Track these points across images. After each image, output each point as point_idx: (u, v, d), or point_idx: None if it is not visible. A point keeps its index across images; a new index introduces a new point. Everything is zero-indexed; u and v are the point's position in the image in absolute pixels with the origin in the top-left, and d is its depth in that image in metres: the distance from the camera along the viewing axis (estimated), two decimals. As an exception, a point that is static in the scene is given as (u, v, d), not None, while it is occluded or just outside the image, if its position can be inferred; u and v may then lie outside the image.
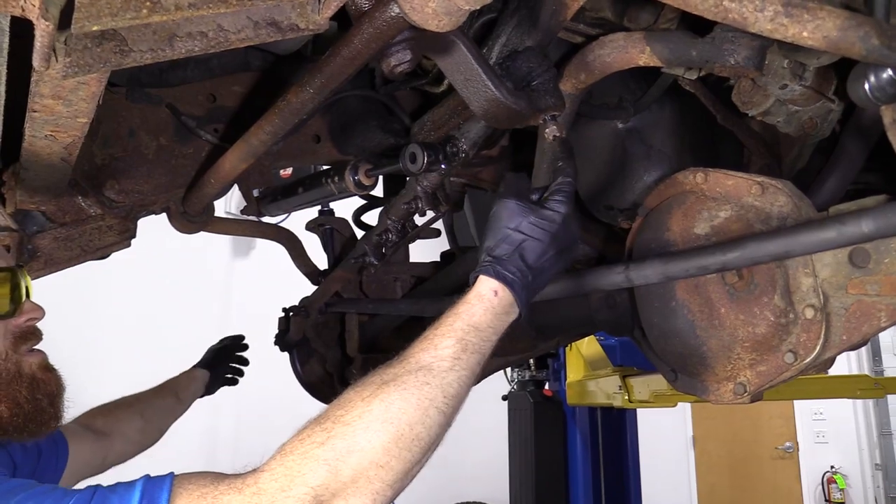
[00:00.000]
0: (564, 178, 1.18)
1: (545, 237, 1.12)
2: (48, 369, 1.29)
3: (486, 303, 1.09)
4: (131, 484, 0.96)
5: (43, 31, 0.56)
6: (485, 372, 2.48)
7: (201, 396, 2.30)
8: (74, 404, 1.38)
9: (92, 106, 1.01)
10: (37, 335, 1.30)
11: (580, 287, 1.37)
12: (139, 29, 0.65)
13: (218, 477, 0.96)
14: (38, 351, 1.30)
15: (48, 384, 1.27)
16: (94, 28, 0.55)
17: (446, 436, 1.04)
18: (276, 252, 2.55)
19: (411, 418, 0.98)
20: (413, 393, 0.99)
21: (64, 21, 0.56)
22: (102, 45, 0.65)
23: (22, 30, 0.93)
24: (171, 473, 0.96)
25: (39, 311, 1.29)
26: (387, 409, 0.97)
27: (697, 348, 1.31)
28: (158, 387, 2.14)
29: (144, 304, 5.74)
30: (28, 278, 1.32)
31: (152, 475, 0.97)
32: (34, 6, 0.55)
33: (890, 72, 0.88)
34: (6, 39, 0.95)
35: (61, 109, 1.04)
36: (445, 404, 1.01)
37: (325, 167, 2.01)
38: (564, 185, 1.17)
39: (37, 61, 0.61)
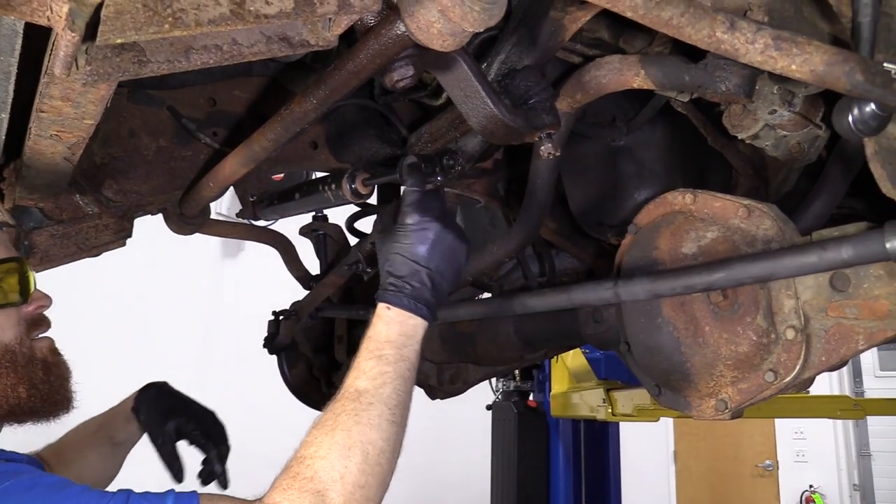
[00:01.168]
0: (406, 193, 1.35)
1: (405, 249, 1.27)
2: (57, 353, 1.35)
3: (384, 318, 1.25)
4: (162, 495, 1.06)
5: (68, 41, 0.59)
6: (470, 381, 2.52)
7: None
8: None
9: (100, 109, 1.03)
10: (46, 322, 1.36)
11: (569, 301, 1.41)
12: (157, 41, 0.68)
13: (237, 500, 1.10)
14: (47, 337, 1.36)
15: (59, 367, 1.34)
16: (118, 41, 0.58)
17: (430, 443, 1.13)
18: (264, 254, 2.57)
19: (371, 437, 1.11)
20: (363, 416, 1.13)
21: (89, 33, 0.59)
22: (122, 55, 0.67)
23: (31, 30, 0.96)
24: (195, 491, 1.08)
25: (47, 300, 1.36)
26: (348, 436, 1.11)
27: (681, 364, 1.34)
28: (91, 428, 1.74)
29: (132, 302, 5.73)
30: (31, 269, 1.37)
31: (177, 490, 1.08)
32: (60, 17, 0.58)
33: (873, 106, 0.92)
34: (19, 41, 0.98)
35: (69, 111, 1.06)
36: (393, 414, 1.15)
37: (321, 174, 2.03)
38: (406, 199, 1.32)
39: (58, 69, 0.64)
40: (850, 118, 0.93)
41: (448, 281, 1.29)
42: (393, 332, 1.23)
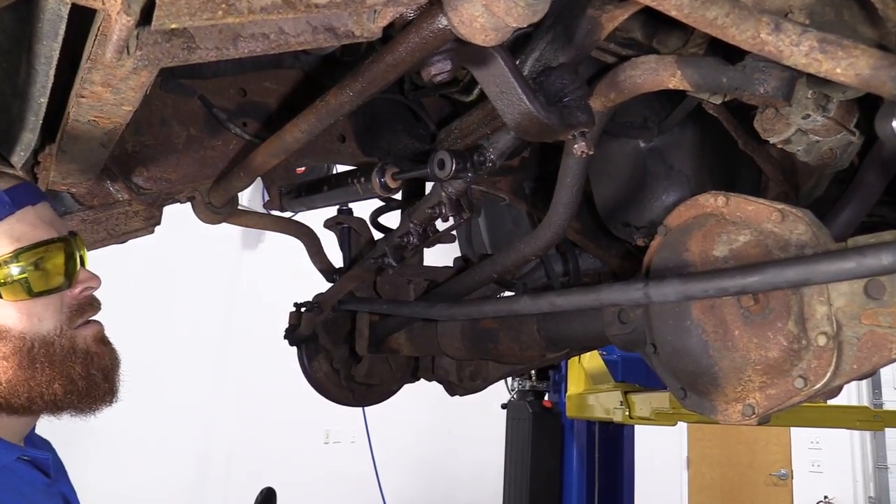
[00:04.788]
0: None
1: None
2: (103, 342, 1.27)
3: None
4: None
5: (123, 25, 0.59)
6: (490, 379, 2.52)
7: None
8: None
9: (139, 95, 1.04)
10: (94, 306, 1.27)
11: (598, 301, 1.40)
12: (207, 28, 0.68)
13: None
14: (95, 322, 1.27)
15: (102, 358, 1.25)
16: (172, 26, 0.58)
17: (443, 439, 1.06)
18: (283, 246, 2.57)
19: None
20: None
21: (143, 17, 0.59)
22: (172, 40, 0.68)
23: (71, 15, 0.96)
24: None
25: (96, 280, 1.27)
26: None
27: (709, 368, 1.33)
28: None
29: (152, 292, 5.77)
30: (83, 246, 1.29)
31: None
32: (116, 1, 0.58)
33: (918, 111, 0.91)
34: (63, 26, 0.99)
35: (109, 97, 1.07)
36: None
37: (344, 167, 2.04)
38: None
39: (110, 53, 0.64)
40: (895, 123, 0.92)
41: None
42: None
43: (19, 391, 1.17)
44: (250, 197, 4.79)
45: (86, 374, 1.21)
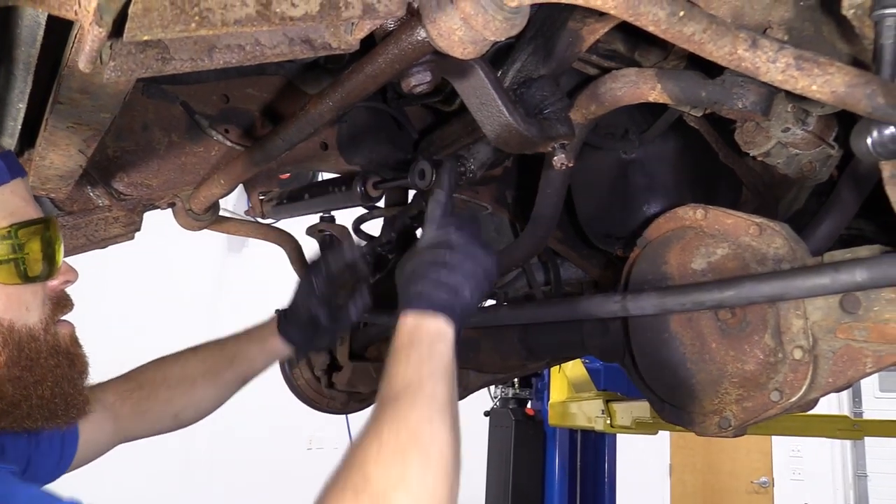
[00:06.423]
0: (431, 202, 1.29)
1: (428, 259, 1.19)
2: (78, 344, 1.13)
3: (403, 327, 1.12)
4: None
5: (95, 36, 0.59)
6: (471, 388, 2.52)
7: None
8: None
9: (118, 102, 1.03)
10: (70, 303, 1.13)
11: (577, 312, 1.40)
12: (182, 39, 0.68)
13: None
14: (68, 322, 1.12)
15: (80, 360, 1.12)
16: (145, 38, 0.58)
17: None
18: (268, 251, 2.56)
19: (424, 434, 0.96)
20: (410, 415, 0.98)
21: (115, 29, 0.59)
22: (146, 51, 0.67)
23: (50, 21, 0.96)
24: None
25: (74, 273, 1.13)
26: (397, 437, 0.95)
27: (687, 380, 1.34)
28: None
29: (135, 295, 5.74)
30: (59, 234, 1.11)
31: None
32: (88, 12, 0.58)
33: (893, 129, 0.92)
34: (41, 33, 0.98)
35: (87, 103, 1.06)
36: (443, 410, 1.00)
37: (328, 175, 2.03)
38: (432, 207, 1.27)
39: (82, 63, 0.64)
40: (870, 141, 0.92)
41: (472, 290, 1.18)
42: (416, 335, 1.10)
43: (5, 390, 1.01)
44: (235, 202, 4.78)
45: (70, 376, 1.08)
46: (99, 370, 1.24)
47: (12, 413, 1.03)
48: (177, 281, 6.08)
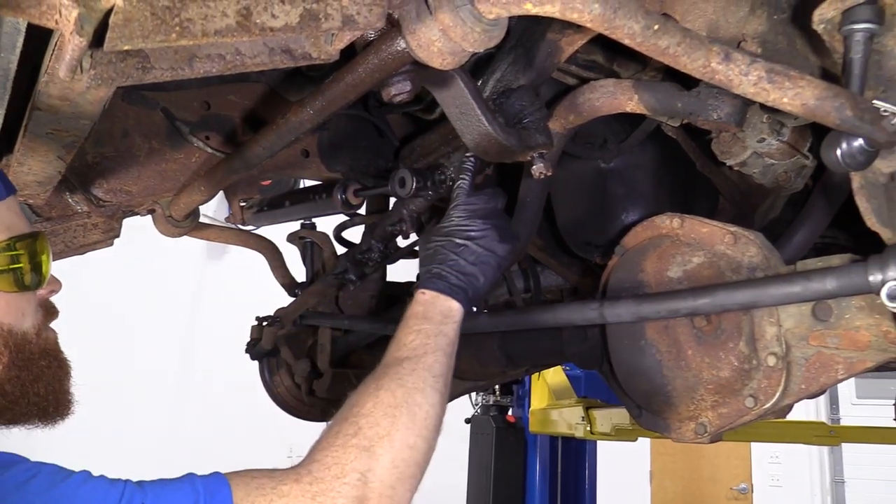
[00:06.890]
0: (455, 191, 1.35)
1: (447, 243, 1.29)
2: (60, 350, 1.22)
3: (420, 301, 1.26)
4: (183, 482, 0.99)
5: (75, 45, 0.59)
6: (452, 394, 2.52)
7: None
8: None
9: (98, 109, 1.04)
10: (56, 311, 1.22)
11: (554, 320, 1.42)
12: (162, 49, 0.69)
13: (266, 472, 1.04)
14: (52, 329, 1.22)
15: (66, 363, 1.22)
16: (125, 48, 0.58)
17: None
18: (248, 258, 2.56)
19: (416, 399, 1.11)
20: (407, 380, 1.13)
21: (96, 38, 0.59)
22: (126, 60, 0.68)
23: (30, 27, 0.96)
24: (219, 473, 1.02)
25: (58, 283, 1.22)
26: (393, 396, 1.10)
27: (663, 387, 1.35)
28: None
29: (114, 302, 5.70)
30: (48, 245, 1.21)
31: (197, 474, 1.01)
32: (69, 22, 0.58)
33: (861, 141, 0.94)
34: (21, 39, 0.98)
35: (66, 110, 1.06)
36: (436, 382, 1.15)
37: (310, 182, 2.04)
38: (456, 197, 1.34)
39: (63, 71, 0.64)
40: (839, 152, 0.94)
41: (486, 276, 1.30)
42: (429, 311, 1.24)
43: (5, 389, 1.11)
44: (216, 209, 4.77)
45: (58, 377, 1.18)
46: (78, 375, 1.28)
47: (12, 409, 1.14)
48: (156, 288, 6.04)
